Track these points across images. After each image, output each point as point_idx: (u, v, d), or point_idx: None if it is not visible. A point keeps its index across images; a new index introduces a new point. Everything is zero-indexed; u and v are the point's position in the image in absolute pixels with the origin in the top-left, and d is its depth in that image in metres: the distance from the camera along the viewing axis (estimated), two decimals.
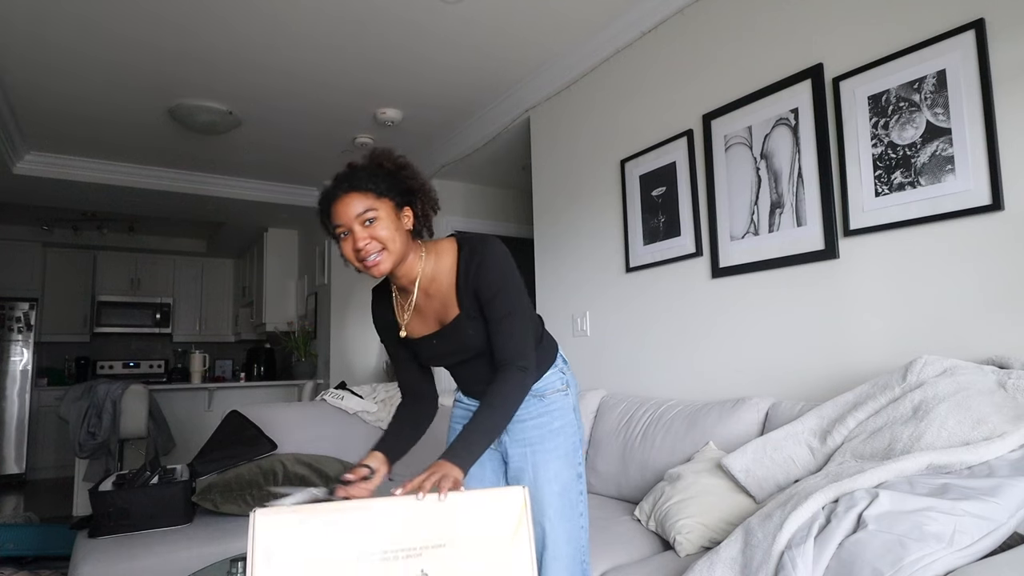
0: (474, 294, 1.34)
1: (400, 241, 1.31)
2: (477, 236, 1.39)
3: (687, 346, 2.53)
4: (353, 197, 1.29)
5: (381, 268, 1.29)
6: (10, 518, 3.78)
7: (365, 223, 1.28)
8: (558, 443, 1.43)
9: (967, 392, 1.42)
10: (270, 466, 2.44)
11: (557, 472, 1.41)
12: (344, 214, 1.29)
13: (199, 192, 4.91)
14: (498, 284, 1.33)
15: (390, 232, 1.29)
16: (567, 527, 1.39)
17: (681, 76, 2.60)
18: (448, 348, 1.41)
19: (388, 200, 1.31)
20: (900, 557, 1.02)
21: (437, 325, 1.41)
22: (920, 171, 1.79)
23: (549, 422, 1.44)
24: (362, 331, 5.35)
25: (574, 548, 1.40)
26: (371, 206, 1.28)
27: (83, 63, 3.07)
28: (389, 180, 1.33)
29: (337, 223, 1.31)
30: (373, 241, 1.28)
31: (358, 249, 1.28)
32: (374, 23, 2.79)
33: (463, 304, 1.36)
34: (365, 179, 1.30)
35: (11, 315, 6.06)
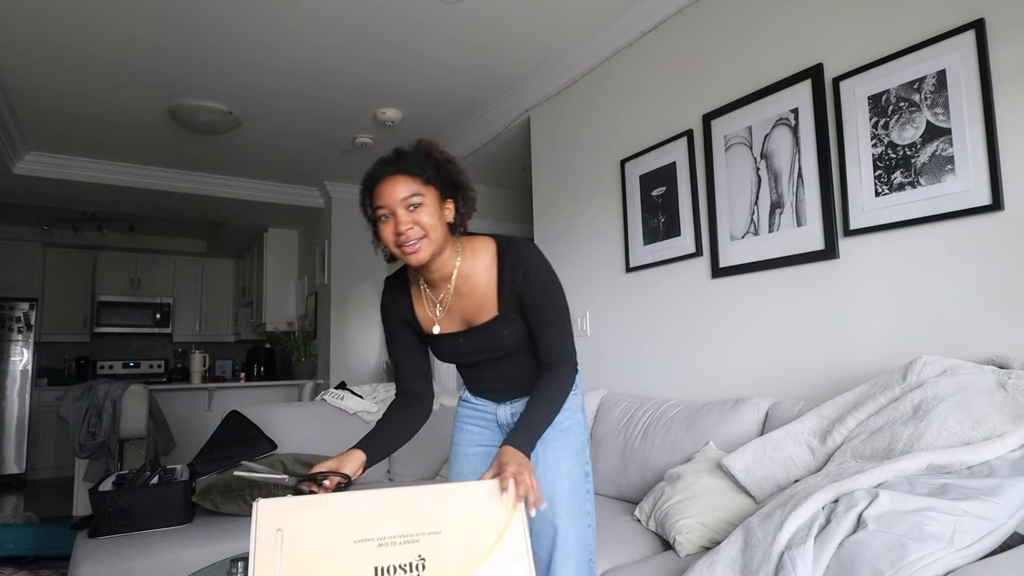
0: (517, 297, 1.34)
1: (441, 231, 1.29)
2: (517, 240, 1.39)
3: (687, 346, 2.53)
4: (401, 179, 1.27)
5: (420, 256, 1.27)
6: (10, 518, 3.78)
7: (409, 207, 1.26)
8: (568, 442, 1.43)
9: (967, 392, 1.42)
10: (270, 466, 2.44)
11: (568, 470, 1.42)
12: (389, 195, 1.26)
13: (199, 192, 4.91)
14: (547, 289, 1.35)
15: (433, 220, 1.27)
16: (576, 525, 1.40)
17: (681, 76, 2.60)
18: (475, 347, 1.41)
19: (434, 188, 1.29)
20: (900, 557, 1.02)
21: (463, 324, 1.40)
22: (920, 171, 1.79)
23: (560, 421, 1.44)
24: (362, 331, 5.35)
25: (582, 547, 1.40)
26: (418, 191, 1.26)
27: (83, 63, 3.07)
28: (436, 169, 1.31)
29: (380, 204, 1.28)
30: (416, 226, 1.26)
31: (399, 233, 1.25)
32: (374, 23, 2.79)
33: (503, 306, 1.35)
34: (414, 164, 1.28)
35: (11, 315, 6.06)
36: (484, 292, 1.36)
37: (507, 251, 1.36)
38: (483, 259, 1.37)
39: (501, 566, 0.99)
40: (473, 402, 1.56)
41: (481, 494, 1.06)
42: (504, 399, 1.50)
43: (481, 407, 1.54)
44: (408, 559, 0.96)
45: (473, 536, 1.00)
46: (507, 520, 1.03)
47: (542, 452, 1.42)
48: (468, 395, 1.58)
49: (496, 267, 1.36)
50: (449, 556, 0.97)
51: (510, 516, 1.04)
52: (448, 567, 0.96)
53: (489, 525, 1.02)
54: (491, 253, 1.37)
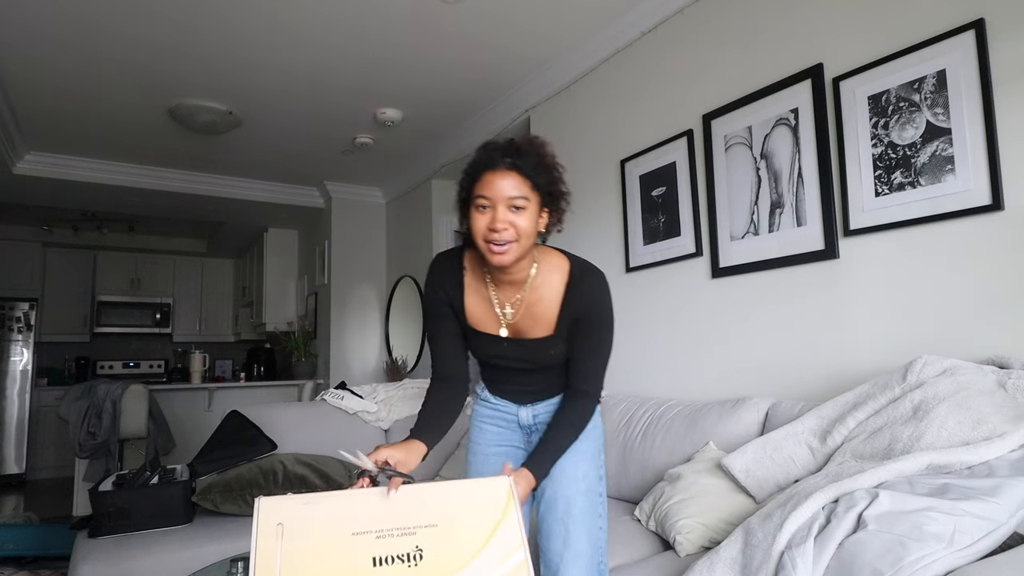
0: (573, 320, 1.35)
1: (531, 239, 1.28)
2: (590, 267, 1.39)
3: (687, 346, 2.53)
4: (514, 176, 1.23)
5: (505, 258, 1.25)
6: (10, 518, 3.78)
7: (512, 208, 1.23)
8: (587, 445, 1.43)
9: (967, 392, 1.42)
10: (270, 466, 2.44)
11: (585, 472, 1.42)
12: (497, 188, 1.22)
13: (199, 192, 4.91)
14: (604, 325, 1.36)
15: (529, 227, 1.25)
16: (589, 527, 1.40)
17: (681, 76, 2.60)
18: (518, 355, 1.40)
19: (538, 196, 1.27)
20: (900, 557, 1.02)
21: (513, 332, 1.39)
22: (920, 171, 1.79)
23: None
24: (362, 331, 5.35)
25: (593, 548, 1.40)
26: (526, 195, 1.24)
27: (83, 63, 3.07)
28: (546, 176, 1.28)
29: (484, 193, 1.23)
30: (511, 229, 1.23)
31: (494, 229, 1.22)
32: (374, 22, 2.79)
33: (559, 328, 1.36)
34: (531, 165, 1.24)
35: (11, 315, 6.06)
36: (546, 310, 1.36)
37: (580, 278, 1.35)
38: (555, 278, 1.36)
39: (497, 557, 1.00)
40: (492, 402, 1.54)
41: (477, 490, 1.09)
42: (527, 401, 1.49)
43: (502, 408, 1.52)
44: (405, 550, 0.98)
45: (469, 529, 1.02)
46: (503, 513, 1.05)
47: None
48: (487, 394, 1.55)
49: (564, 290, 1.35)
50: (446, 547, 0.99)
51: (506, 509, 1.06)
52: (445, 557, 0.98)
53: (485, 518, 1.04)
54: (563, 274, 1.36)
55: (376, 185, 5.30)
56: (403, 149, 4.39)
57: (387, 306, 5.35)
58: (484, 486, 1.09)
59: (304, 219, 5.80)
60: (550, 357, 1.39)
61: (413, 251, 4.97)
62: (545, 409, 1.47)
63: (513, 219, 1.23)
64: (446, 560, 0.98)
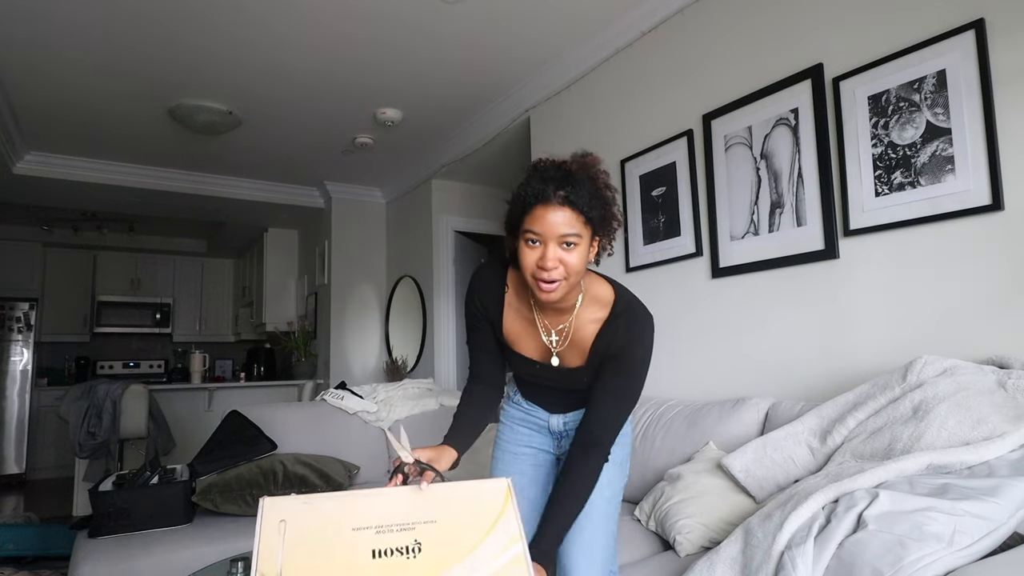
0: (604, 355, 1.31)
1: (582, 274, 1.23)
2: (636, 304, 1.34)
3: (687, 346, 2.53)
4: (567, 213, 1.16)
5: (553, 296, 1.20)
6: (10, 518, 3.78)
7: (564, 245, 1.17)
8: (616, 451, 1.42)
9: (967, 392, 1.42)
10: (270, 466, 2.44)
11: (611, 479, 1.41)
12: (549, 226, 1.16)
13: (199, 192, 4.91)
14: (637, 368, 1.32)
15: (580, 264, 1.19)
16: (605, 531, 1.40)
17: (681, 76, 2.60)
18: (550, 377, 1.39)
19: (591, 230, 1.20)
20: (900, 557, 1.02)
21: (546, 356, 1.36)
22: (920, 171, 1.79)
23: None
24: (362, 331, 5.35)
25: (608, 553, 1.41)
26: (579, 232, 1.17)
27: (83, 63, 3.07)
28: (601, 208, 1.21)
29: (535, 229, 1.17)
30: (562, 267, 1.17)
31: (543, 267, 1.17)
32: (374, 23, 2.79)
33: (591, 361, 1.33)
34: (586, 199, 1.17)
35: (11, 315, 6.06)
36: (583, 340, 1.33)
37: (622, 312, 1.31)
38: (597, 309, 1.32)
39: (495, 550, 1.02)
40: (524, 406, 1.53)
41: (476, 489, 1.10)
42: (558, 411, 1.48)
43: (533, 413, 1.51)
44: (404, 543, 0.99)
45: (468, 524, 1.04)
46: (501, 510, 1.06)
47: None
48: (519, 397, 1.54)
49: (604, 322, 1.31)
50: (444, 541, 1.01)
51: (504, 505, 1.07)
52: (443, 550, 1.00)
53: (483, 515, 1.06)
54: (606, 305, 1.32)
55: (376, 185, 5.30)
56: (403, 149, 4.39)
57: (387, 306, 5.35)
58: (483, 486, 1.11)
59: (304, 219, 5.80)
60: (582, 384, 1.37)
61: (413, 251, 4.97)
62: (576, 418, 1.45)
63: (564, 256, 1.17)
64: (444, 553, 1.00)
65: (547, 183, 1.17)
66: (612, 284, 1.37)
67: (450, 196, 4.75)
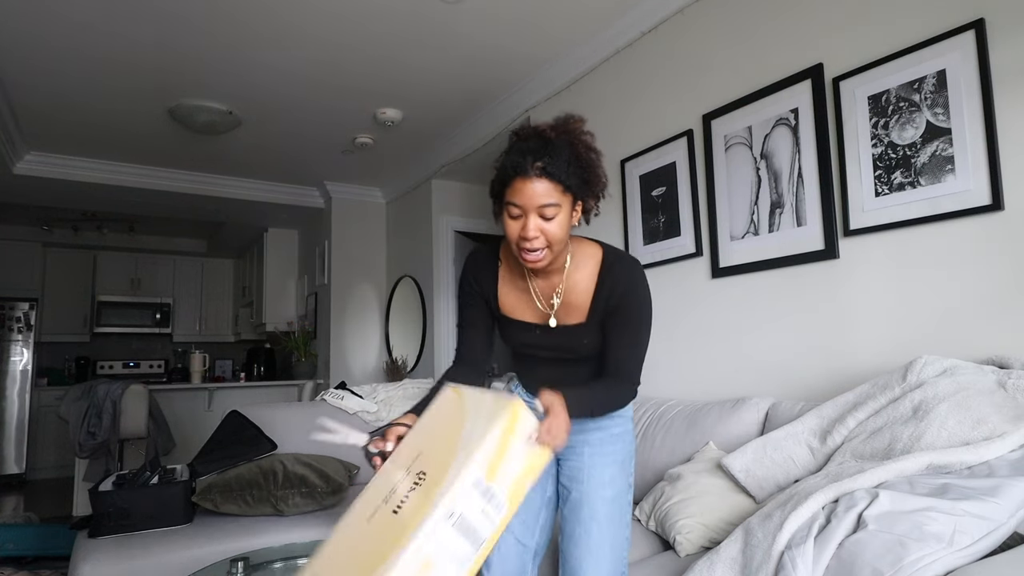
0: (606, 307, 1.33)
1: (565, 239, 1.26)
2: (624, 255, 1.37)
3: (687, 346, 2.53)
4: (544, 184, 1.19)
5: (538, 264, 1.25)
6: (10, 518, 3.78)
7: (543, 215, 1.21)
8: (616, 448, 1.42)
9: (967, 392, 1.42)
10: (270, 466, 2.44)
11: (612, 477, 1.40)
12: (527, 198, 1.19)
13: (199, 192, 4.91)
14: (639, 313, 1.33)
15: (562, 231, 1.23)
16: (614, 533, 1.38)
17: (681, 76, 2.60)
18: (550, 344, 1.39)
19: (571, 196, 1.24)
20: (900, 557, 1.02)
21: (544, 319, 1.38)
22: (920, 171, 1.79)
23: (611, 426, 1.43)
24: (362, 331, 5.35)
25: (616, 557, 1.38)
26: (557, 201, 1.20)
27: (83, 63, 3.07)
28: (580, 173, 1.24)
29: (515, 201, 1.21)
30: (543, 236, 1.22)
31: (525, 238, 1.21)
32: (374, 23, 2.79)
33: (591, 315, 1.34)
34: (562, 167, 1.19)
35: (11, 315, 6.06)
36: (579, 297, 1.35)
37: (613, 264, 1.34)
38: (588, 266, 1.35)
39: (480, 424, 0.98)
40: (525, 399, 1.53)
41: (439, 406, 1.10)
42: None
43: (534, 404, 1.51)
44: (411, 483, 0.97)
45: (446, 429, 1.03)
46: (466, 406, 1.05)
47: (588, 455, 1.41)
48: (521, 391, 1.56)
49: (597, 277, 1.33)
50: (436, 451, 0.99)
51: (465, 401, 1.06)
52: (439, 458, 0.97)
53: (454, 417, 1.05)
54: (596, 262, 1.35)
55: (376, 185, 5.30)
56: (403, 149, 4.39)
57: (387, 306, 5.35)
58: (440, 403, 1.09)
59: (304, 219, 5.80)
60: (583, 346, 1.37)
61: (413, 251, 4.97)
62: None
63: (544, 226, 1.21)
64: (441, 459, 0.96)
65: (525, 155, 1.20)
66: (598, 242, 1.40)
67: (450, 196, 4.75)
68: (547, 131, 1.24)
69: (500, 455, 0.95)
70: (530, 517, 1.46)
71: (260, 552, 1.92)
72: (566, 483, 1.44)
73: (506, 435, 0.96)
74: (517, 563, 1.45)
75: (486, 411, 1.00)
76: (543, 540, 1.50)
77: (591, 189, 1.28)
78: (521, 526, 1.45)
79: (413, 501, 0.93)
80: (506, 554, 1.45)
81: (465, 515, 0.91)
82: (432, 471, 0.95)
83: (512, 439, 0.97)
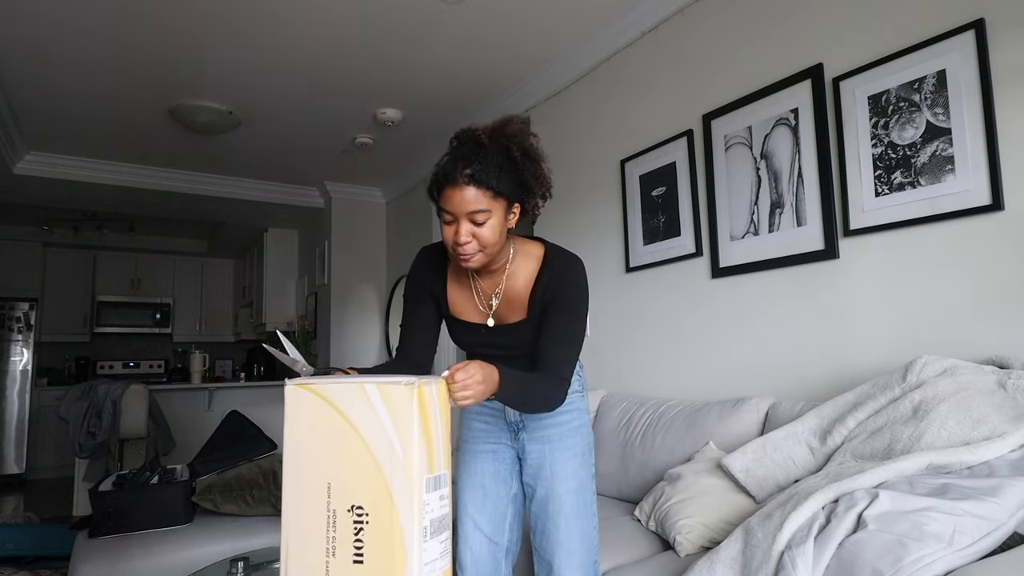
0: (543, 302, 1.34)
1: (500, 242, 1.28)
2: (566, 254, 1.39)
3: (687, 346, 2.53)
4: (472, 191, 1.20)
5: (472, 264, 1.28)
6: (10, 518, 3.78)
7: (474, 221, 1.22)
8: (575, 442, 1.44)
9: (967, 392, 1.42)
10: (270, 466, 2.44)
11: (575, 470, 1.42)
12: (456, 205, 1.21)
13: (199, 192, 4.91)
14: (573, 310, 1.34)
15: (495, 236, 1.25)
16: (582, 525, 1.41)
17: (681, 76, 2.60)
18: (497, 342, 1.41)
19: (503, 200, 1.25)
20: (900, 557, 1.02)
21: (493, 319, 1.40)
22: (920, 171, 1.79)
23: (568, 421, 1.45)
24: (362, 331, 5.35)
25: (587, 547, 1.41)
26: (486, 207, 1.22)
27: (83, 63, 3.07)
28: (512, 174, 1.25)
29: (446, 208, 1.23)
30: (475, 241, 1.24)
31: (457, 243, 1.24)
32: (374, 23, 2.79)
33: (531, 311, 1.36)
34: (492, 173, 1.21)
35: (11, 315, 6.06)
36: (519, 294, 1.38)
37: (552, 261, 1.36)
38: (530, 264, 1.37)
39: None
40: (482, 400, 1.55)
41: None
42: None
43: (489, 404, 1.52)
44: (354, 524, 0.89)
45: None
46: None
47: (549, 451, 1.44)
48: None
49: (537, 274, 1.36)
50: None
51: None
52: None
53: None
54: (538, 260, 1.37)
55: (376, 185, 5.30)
56: (403, 149, 4.39)
57: (387, 306, 5.35)
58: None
59: (304, 219, 5.80)
60: (527, 343, 1.38)
61: (413, 251, 4.91)
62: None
63: (476, 231, 1.23)
64: (372, 485, 0.88)
65: (456, 162, 1.22)
66: (542, 241, 1.42)
67: None
68: (481, 136, 1.26)
69: (429, 445, 0.89)
70: (498, 515, 1.49)
71: (260, 552, 1.92)
72: (530, 481, 1.46)
73: (425, 426, 0.89)
74: (490, 561, 1.48)
75: (383, 410, 0.89)
76: (514, 537, 1.52)
77: (528, 192, 1.30)
78: (490, 524, 1.48)
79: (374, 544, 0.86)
80: (479, 554, 1.47)
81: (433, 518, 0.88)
82: (370, 503, 0.87)
83: (431, 423, 0.90)
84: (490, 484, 1.50)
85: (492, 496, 1.49)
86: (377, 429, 0.88)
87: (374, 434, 0.88)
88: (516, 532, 1.53)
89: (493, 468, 1.50)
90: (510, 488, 1.51)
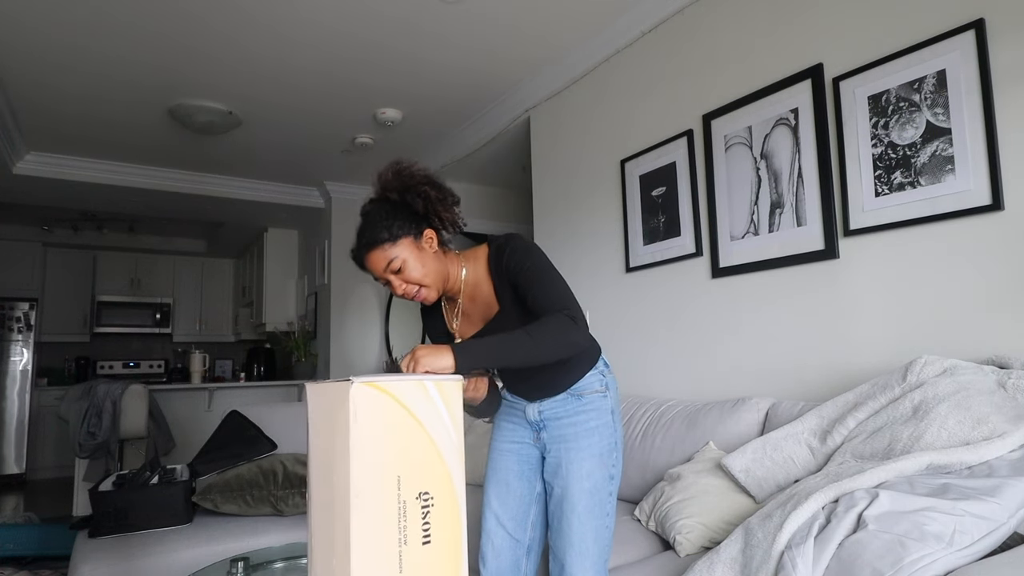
0: (508, 284, 1.39)
1: (433, 269, 1.36)
2: (503, 235, 1.45)
3: (687, 346, 2.53)
4: (373, 255, 1.32)
5: (429, 299, 1.38)
6: (10, 518, 3.78)
7: (394, 272, 1.32)
8: (592, 442, 1.45)
9: (967, 392, 1.42)
10: (270, 466, 2.44)
11: (590, 471, 1.43)
12: (374, 270, 1.34)
13: (199, 192, 4.91)
14: (525, 258, 1.38)
15: (420, 271, 1.33)
16: (595, 525, 1.42)
17: (681, 76, 2.60)
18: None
19: (404, 239, 1.33)
20: (900, 557, 1.02)
21: (482, 323, 1.46)
22: (920, 171, 1.79)
23: (585, 420, 1.46)
24: (362, 331, 5.35)
25: (600, 547, 1.42)
26: (391, 256, 1.31)
27: (83, 63, 3.07)
28: (397, 214, 1.33)
29: (374, 276, 1.36)
30: (408, 284, 1.34)
31: (400, 294, 1.35)
32: (374, 23, 2.79)
33: (502, 299, 1.41)
34: (376, 229, 1.31)
35: (11, 315, 6.06)
36: (486, 292, 1.44)
37: (494, 249, 1.43)
38: (480, 266, 1.45)
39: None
40: (509, 399, 1.59)
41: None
42: (534, 398, 1.52)
43: (515, 403, 1.57)
44: (422, 508, 0.93)
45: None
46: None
47: (565, 451, 1.45)
48: (505, 392, 1.61)
49: (488, 269, 1.43)
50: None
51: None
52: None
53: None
54: (485, 257, 1.44)
55: None
56: (403, 149, 4.39)
57: (387, 306, 5.35)
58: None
59: (304, 219, 5.80)
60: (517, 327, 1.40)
61: None
62: (551, 406, 1.49)
63: (404, 277, 1.33)
64: (434, 472, 0.94)
65: (357, 239, 1.35)
66: (487, 241, 1.47)
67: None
68: (365, 206, 1.37)
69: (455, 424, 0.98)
70: (520, 512, 1.53)
71: (260, 552, 1.92)
72: (549, 479, 1.49)
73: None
74: (511, 558, 1.51)
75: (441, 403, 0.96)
76: (536, 536, 1.55)
77: (425, 215, 1.36)
78: (512, 521, 1.52)
79: (439, 526, 0.93)
80: (500, 548, 1.51)
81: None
82: (434, 489, 0.94)
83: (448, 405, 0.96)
84: (514, 481, 1.54)
85: (515, 493, 1.53)
86: (437, 421, 0.96)
87: (435, 426, 0.95)
88: (539, 531, 1.55)
89: (517, 466, 1.54)
90: (534, 487, 1.54)
